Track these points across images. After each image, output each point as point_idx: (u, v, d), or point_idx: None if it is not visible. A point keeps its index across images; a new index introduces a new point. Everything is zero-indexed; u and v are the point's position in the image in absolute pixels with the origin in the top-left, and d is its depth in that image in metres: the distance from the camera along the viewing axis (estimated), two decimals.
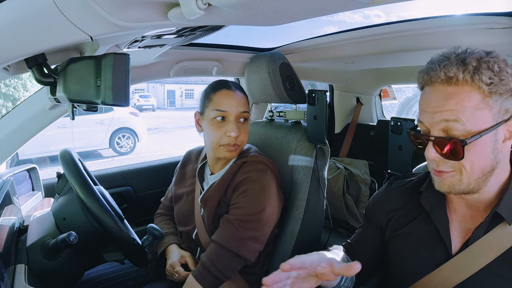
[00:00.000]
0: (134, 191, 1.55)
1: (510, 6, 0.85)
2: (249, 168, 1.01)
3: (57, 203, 0.91)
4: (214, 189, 1.03)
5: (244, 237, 0.94)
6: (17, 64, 0.72)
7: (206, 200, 1.04)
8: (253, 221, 0.95)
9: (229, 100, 1.01)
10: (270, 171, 1.02)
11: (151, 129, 10.62)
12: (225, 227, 0.96)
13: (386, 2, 0.57)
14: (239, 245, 0.94)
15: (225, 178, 1.03)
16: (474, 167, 0.61)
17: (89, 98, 0.65)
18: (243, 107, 1.03)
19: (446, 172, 0.63)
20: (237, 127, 1.00)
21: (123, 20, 0.58)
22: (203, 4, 0.54)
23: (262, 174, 1.00)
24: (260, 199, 0.97)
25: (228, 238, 0.95)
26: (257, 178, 0.99)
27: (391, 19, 1.49)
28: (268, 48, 1.52)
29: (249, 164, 1.02)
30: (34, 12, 0.53)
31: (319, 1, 0.56)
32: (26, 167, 1.20)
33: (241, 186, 0.98)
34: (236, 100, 1.02)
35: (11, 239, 0.81)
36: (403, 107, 4.27)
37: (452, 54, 0.62)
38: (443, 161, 0.62)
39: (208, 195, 1.03)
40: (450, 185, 0.64)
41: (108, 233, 0.81)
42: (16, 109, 1.12)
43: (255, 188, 0.97)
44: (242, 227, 0.94)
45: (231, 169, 1.03)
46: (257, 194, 0.97)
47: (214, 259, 0.94)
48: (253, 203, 0.96)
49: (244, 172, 1.00)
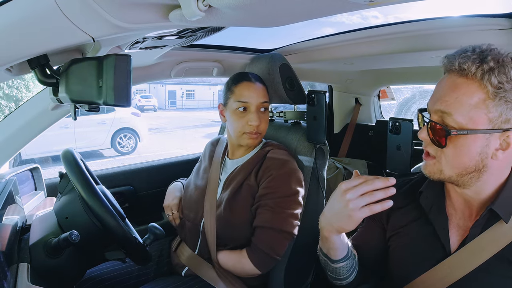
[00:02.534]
0: (136, 190, 1.56)
1: (506, 8, 0.86)
2: (276, 155, 1.06)
3: (60, 202, 0.91)
4: (240, 169, 1.08)
5: (284, 215, 0.99)
6: (20, 65, 0.72)
7: (230, 181, 1.07)
8: (289, 201, 1.00)
9: (249, 92, 1.06)
10: (294, 159, 1.09)
11: (152, 129, 10.64)
12: (264, 211, 0.99)
13: (385, 3, 0.57)
14: (281, 222, 0.98)
15: (251, 162, 1.07)
16: (455, 161, 0.63)
17: (91, 99, 0.66)
18: (263, 97, 1.08)
19: (430, 156, 0.66)
20: (258, 116, 1.06)
21: (125, 22, 0.59)
22: (203, 5, 0.55)
23: (289, 161, 1.05)
24: (292, 182, 1.01)
25: (269, 219, 0.98)
26: (286, 163, 1.04)
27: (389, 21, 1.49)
28: (268, 49, 1.52)
29: (275, 151, 1.08)
30: (36, 13, 0.54)
31: (318, 3, 0.57)
32: (29, 166, 1.21)
33: (272, 171, 1.02)
34: (256, 91, 1.07)
35: (14, 238, 0.82)
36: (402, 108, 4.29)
37: (477, 49, 0.62)
38: (430, 144, 0.66)
39: (234, 176, 1.08)
40: (431, 172, 0.67)
41: (110, 232, 0.82)
42: (19, 109, 1.13)
43: (286, 172, 1.02)
44: (280, 207, 0.98)
45: (258, 155, 1.09)
46: (288, 178, 1.01)
47: (262, 239, 0.98)
48: (287, 186, 1.00)
49: (271, 158, 1.05)
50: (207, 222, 1.05)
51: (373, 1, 0.55)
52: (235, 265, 1.00)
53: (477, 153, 0.61)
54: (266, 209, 0.99)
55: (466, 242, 0.67)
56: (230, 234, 1.03)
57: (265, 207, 0.99)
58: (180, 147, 8.12)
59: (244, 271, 1.00)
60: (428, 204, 0.73)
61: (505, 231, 0.63)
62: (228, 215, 1.02)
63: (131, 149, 7.68)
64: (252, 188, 1.03)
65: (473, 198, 0.67)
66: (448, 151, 0.63)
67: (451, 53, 0.64)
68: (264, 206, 0.99)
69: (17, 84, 7.84)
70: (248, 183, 1.04)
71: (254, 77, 1.11)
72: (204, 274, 1.04)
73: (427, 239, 0.72)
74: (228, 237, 1.03)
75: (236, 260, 1.00)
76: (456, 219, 0.71)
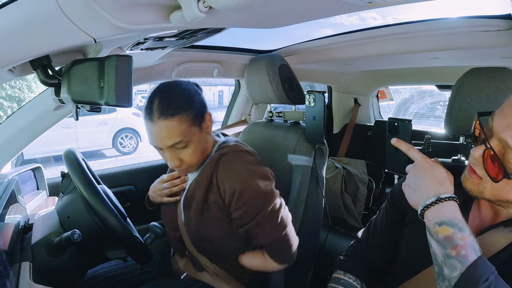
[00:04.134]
0: (137, 190, 1.56)
1: (504, 9, 0.86)
2: (231, 160, 0.92)
3: (61, 202, 0.91)
4: (195, 187, 0.94)
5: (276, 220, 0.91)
6: (22, 65, 0.73)
7: (188, 201, 0.95)
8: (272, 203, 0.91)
9: (152, 135, 0.87)
10: (250, 154, 0.96)
11: None
12: (259, 231, 0.91)
13: (383, 5, 0.57)
14: (282, 226, 0.92)
15: (204, 173, 0.93)
16: (499, 193, 0.59)
17: (93, 99, 0.66)
18: (170, 137, 0.85)
19: (476, 175, 0.61)
20: (173, 155, 0.88)
21: (126, 23, 0.59)
22: (204, 7, 0.55)
23: (247, 161, 0.93)
24: (263, 185, 0.90)
25: (270, 234, 0.91)
26: (243, 170, 0.90)
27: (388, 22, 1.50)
28: (268, 50, 1.53)
29: (229, 155, 0.93)
30: (39, 15, 0.55)
31: (317, 4, 0.57)
32: (31, 166, 1.21)
33: (233, 186, 0.89)
34: (159, 133, 0.86)
35: (16, 237, 0.82)
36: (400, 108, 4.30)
37: None
38: (480, 166, 0.59)
39: (190, 195, 0.95)
40: (471, 189, 0.62)
41: (111, 231, 0.82)
42: (21, 110, 1.14)
43: (252, 180, 0.89)
44: (270, 215, 0.90)
45: (210, 164, 0.93)
46: (258, 183, 0.89)
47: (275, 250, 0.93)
48: (262, 193, 0.90)
49: (227, 166, 0.91)
50: (185, 239, 1.01)
51: (372, 2, 0.55)
52: (267, 268, 0.97)
53: None
54: (257, 229, 0.90)
55: None
56: (212, 251, 0.99)
57: (254, 228, 0.90)
58: None
59: (274, 270, 0.98)
60: None
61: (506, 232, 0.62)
62: (203, 235, 0.94)
63: (133, 149, 7.69)
64: (219, 206, 0.91)
65: (503, 211, 0.65)
66: (496, 184, 0.57)
67: None
68: (253, 228, 0.90)
69: (20, 85, 7.86)
70: (213, 199, 0.92)
71: (159, 111, 0.84)
72: (202, 278, 1.04)
73: None
74: (212, 253, 0.99)
75: (265, 266, 0.97)
76: (476, 219, 0.69)
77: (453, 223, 0.57)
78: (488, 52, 1.06)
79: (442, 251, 0.56)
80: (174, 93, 0.88)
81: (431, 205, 0.60)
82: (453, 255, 0.55)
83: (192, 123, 0.87)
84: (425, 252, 0.70)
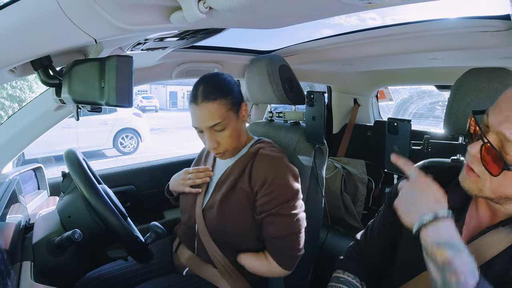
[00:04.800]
0: (137, 190, 1.57)
1: (502, 10, 0.86)
2: (267, 152, 1.01)
3: (62, 201, 0.92)
4: (229, 172, 1.03)
5: (296, 215, 0.96)
6: (23, 66, 0.73)
7: (221, 184, 1.03)
8: (296, 199, 0.97)
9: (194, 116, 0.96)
10: (283, 154, 1.04)
11: (153, 129, 10.66)
12: (277, 219, 0.95)
13: (383, 5, 0.58)
14: (297, 224, 0.96)
15: (240, 162, 1.02)
16: (499, 189, 0.58)
17: (93, 99, 0.67)
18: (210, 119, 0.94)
19: (474, 173, 0.60)
20: (212, 137, 0.96)
21: (127, 23, 0.60)
22: (204, 7, 0.55)
23: (280, 158, 1.00)
24: (292, 181, 0.97)
25: (287, 226, 0.95)
26: (278, 162, 0.98)
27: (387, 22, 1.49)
28: (268, 51, 1.53)
29: (265, 149, 1.02)
30: (40, 15, 0.55)
31: (317, 5, 0.58)
32: (32, 166, 1.22)
33: (266, 175, 0.95)
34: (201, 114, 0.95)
35: (18, 236, 0.82)
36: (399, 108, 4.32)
37: None
38: (477, 162, 0.59)
39: (224, 179, 1.03)
40: (470, 188, 0.61)
41: (112, 230, 0.82)
42: (22, 110, 1.14)
43: (281, 173, 0.96)
44: (290, 209, 0.95)
45: (247, 154, 1.03)
46: (288, 177, 0.96)
47: (283, 247, 0.96)
48: (289, 186, 0.96)
49: (262, 158, 1.00)
50: (200, 225, 1.04)
51: (371, 3, 0.55)
52: (265, 272, 0.99)
53: None
54: (277, 218, 0.95)
55: (469, 242, 0.65)
56: (223, 238, 1.02)
57: (274, 216, 0.95)
58: (181, 147, 8.13)
59: (275, 275, 0.99)
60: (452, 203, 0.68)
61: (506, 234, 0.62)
62: (221, 218, 0.99)
63: (133, 149, 7.71)
64: (246, 193, 0.98)
65: (501, 210, 0.65)
66: (495, 179, 0.57)
67: None
68: (273, 215, 0.95)
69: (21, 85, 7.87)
70: (241, 186, 0.99)
71: (202, 95, 0.94)
72: (204, 274, 1.04)
73: None
74: (222, 241, 1.02)
75: (265, 268, 0.99)
76: (473, 221, 0.69)
77: (452, 244, 0.54)
78: (487, 52, 1.06)
79: (441, 277, 0.54)
80: (216, 81, 0.98)
81: (428, 224, 0.57)
82: (452, 282, 0.52)
83: (231, 108, 0.96)
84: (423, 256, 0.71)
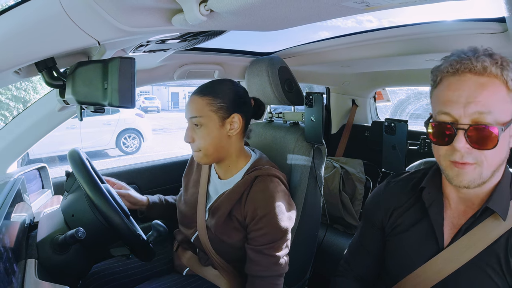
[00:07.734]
0: (140, 189, 1.58)
1: (498, 12, 0.86)
2: (264, 184, 0.96)
3: (66, 200, 0.92)
4: (224, 199, 0.98)
5: (279, 258, 0.94)
6: (28, 67, 0.74)
7: (215, 209, 1.00)
8: (282, 241, 0.94)
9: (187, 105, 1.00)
10: (282, 184, 1.00)
11: (155, 129, 10.70)
12: (260, 258, 0.93)
13: (380, 8, 0.58)
14: (278, 267, 0.94)
15: (236, 191, 0.97)
16: (495, 159, 0.62)
17: (97, 100, 0.68)
18: (191, 111, 0.96)
19: (470, 164, 0.62)
20: (189, 132, 0.98)
21: (129, 26, 0.61)
22: (205, 10, 0.56)
23: (278, 190, 0.96)
24: (282, 220, 0.93)
25: (267, 267, 0.93)
26: (271, 199, 0.93)
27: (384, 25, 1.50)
28: (268, 52, 1.54)
29: (263, 179, 0.97)
30: (44, 18, 0.56)
31: (316, 8, 0.58)
32: (36, 166, 1.22)
33: (260, 209, 0.93)
34: (189, 105, 0.98)
35: (22, 235, 0.83)
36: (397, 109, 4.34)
37: (479, 50, 0.63)
38: (469, 152, 0.61)
39: (218, 205, 0.99)
40: (471, 180, 0.63)
41: (114, 229, 0.83)
42: (27, 110, 1.15)
43: (275, 210, 0.92)
44: (274, 251, 0.93)
45: (244, 182, 0.98)
46: (278, 215, 0.92)
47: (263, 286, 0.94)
48: (277, 226, 0.92)
49: (258, 190, 0.95)
50: (201, 236, 1.03)
51: (369, 6, 0.56)
52: None
53: (507, 144, 0.63)
54: (262, 256, 0.93)
55: (458, 237, 0.68)
56: (224, 250, 1.01)
57: (260, 253, 0.93)
58: (182, 147, 8.15)
59: None
60: (430, 199, 0.74)
61: (495, 226, 0.65)
62: (219, 237, 0.99)
63: (135, 149, 7.74)
64: (239, 221, 0.97)
65: (471, 197, 0.69)
66: (490, 152, 0.61)
67: (452, 58, 0.64)
68: (259, 252, 0.93)
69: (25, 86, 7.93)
70: (235, 214, 0.97)
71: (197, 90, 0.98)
72: (205, 274, 1.05)
73: (422, 234, 0.74)
74: (223, 252, 1.02)
75: None
76: (451, 216, 0.72)
77: None
78: None
79: None
80: (217, 83, 1.00)
81: None
82: None
83: (215, 110, 0.95)
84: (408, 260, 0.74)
